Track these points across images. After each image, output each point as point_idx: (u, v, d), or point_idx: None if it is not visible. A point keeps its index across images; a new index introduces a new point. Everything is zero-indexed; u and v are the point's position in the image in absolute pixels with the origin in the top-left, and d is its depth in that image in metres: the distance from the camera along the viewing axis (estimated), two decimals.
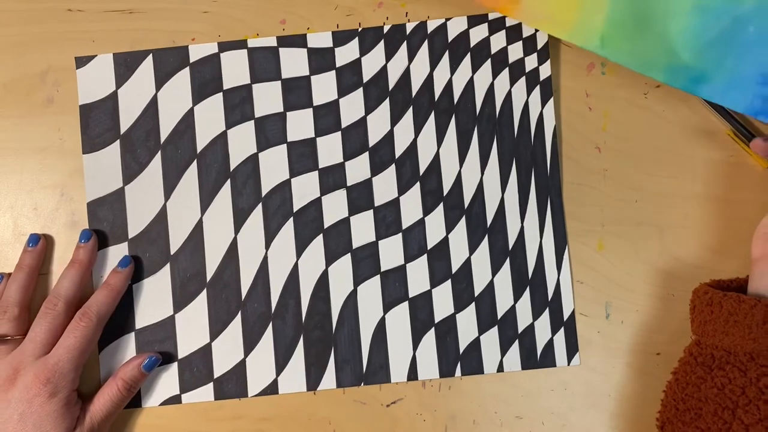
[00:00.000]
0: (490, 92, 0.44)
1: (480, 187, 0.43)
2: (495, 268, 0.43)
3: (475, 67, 0.44)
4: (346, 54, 0.44)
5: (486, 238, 0.43)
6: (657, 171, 0.43)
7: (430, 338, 0.43)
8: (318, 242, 0.43)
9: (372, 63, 0.44)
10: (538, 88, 0.43)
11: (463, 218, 0.43)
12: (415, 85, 0.44)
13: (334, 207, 0.43)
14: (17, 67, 0.44)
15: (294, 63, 0.44)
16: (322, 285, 0.43)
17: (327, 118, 0.43)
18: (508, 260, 0.43)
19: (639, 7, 0.38)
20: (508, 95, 0.44)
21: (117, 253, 0.43)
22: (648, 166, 0.43)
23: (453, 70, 0.44)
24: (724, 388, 0.36)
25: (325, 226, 0.43)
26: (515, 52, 0.44)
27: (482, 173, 0.43)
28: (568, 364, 0.43)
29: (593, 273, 0.43)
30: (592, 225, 0.43)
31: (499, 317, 0.43)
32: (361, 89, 0.44)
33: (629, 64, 0.39)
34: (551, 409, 0.43)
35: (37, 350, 0.40)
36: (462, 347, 0.43)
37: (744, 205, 0.43)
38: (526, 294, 0.43)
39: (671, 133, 0.43)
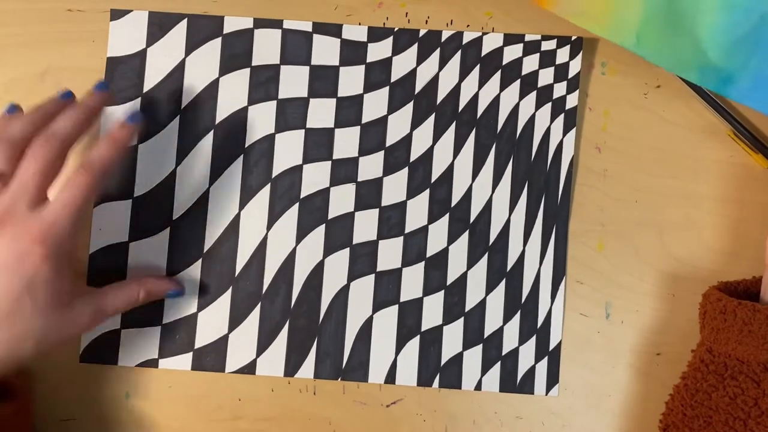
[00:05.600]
0: (514, 112, 0.44)
1: (488, 204, 0.43)
2: (490, 287, 0.43)
3: (503, 86, 0.44)
4: (379, 51, 0.44)
5: (486, 256, 0.43)
6: (657, 171, 0.43)
7: (413, 345, 0.43)
8: (319, 232, 0.43)
9: (402, 64, 0.44)
10: (562, 116, 0.43)
11: (467, 232, 0.43)
12: (441, 93, 0.44)
13: (341, 200, 0.43)
14: (17, 67, 0.44)
15: (325, 51, 0.44)
16: (316, 275, 0.43)
17: (349, 110, 0.43)
18: (504, 281, 0.43)
19: (672, 4, 0.37)
20: (531, 118, 0.44)
21: (119, 208, 0.43)
22: (648, 166, 0.44)
23: (481, 85, 0.44)
24: (736, 398, 0.36)
25: (329, 217, 0.43)
26: (545, 77, 0.44)
27: (493, 191, 0.43)
28: (546, 395, 0.43)
29: (593, 273, 0.43)
30: (592, 225, 0.43)
31: (485, 336, 0.43)
32: (387, 88, 0.44)
33: (665, 64, 0.39)
34: (551, 409, 0.43)
35: (28, 196, 0.34)
36: (444, 360, 0.43)
37: (744, 205, 0.43)
38: (516, 317, 0.43)
39: (671, 133, 0.44)
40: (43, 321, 0.35)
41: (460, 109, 0.44)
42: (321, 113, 0.43)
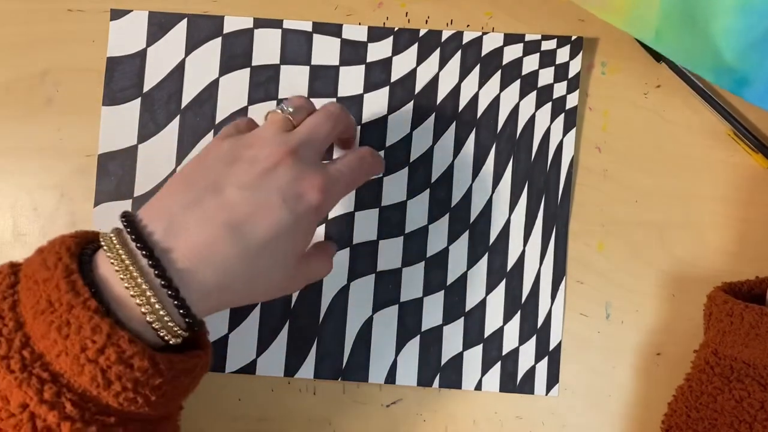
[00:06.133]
0: (514, 112, 0.44)
1: (488, 205, 0.43)
2: (490, 287, 0.43)
3: (503, 85, 0.44)
4: (379, 51, 0.44)
5: (486, 256, 0.43)
6: (657, 171, 0.44)
7: (413, 345, 0.43)
8: (319, 232, 0.43)
9: (402, 64, 0.44)
10: (562, 116, 0.43)
11: (467, 232, 0.43)
12: (441, 93, 0.44)
13: (341, 200, 0.43)
14: (17, 67, 0.44)
15: (325, 51, 0.44)
16: None
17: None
18: (504, 281, 0.43)
19: (688, 3, 0.37)
20: (531, 118, 0.44)
21: (119, 208, 0.43)
22: (648, 166, 0.44)
23: (481, 85, 0.44)
24: (742, 401, 0.36)
25: (329, 217, 0.43)
26: (545, 76, 0.44)
27: (493, 191, 0.43)
28: (546, 395, 0.42)
29: (593, 273, 0.43)
30: (592, 225, 0.43)
31: (485, 336, 0.43)
32: (387, 88, 0.44)
33: (683, 61, 0.38)
34: (551, 409, 0.43)
35: (317, 146, 0.33)
36: (444, 360, 0.43)
37: (744, 204, 0.43)
38: (516, 318, 0.43)
39: (671, 133, 0.44)
40: (289, 267, 0.33)
41: (460, 109, 0.43)
42: None
